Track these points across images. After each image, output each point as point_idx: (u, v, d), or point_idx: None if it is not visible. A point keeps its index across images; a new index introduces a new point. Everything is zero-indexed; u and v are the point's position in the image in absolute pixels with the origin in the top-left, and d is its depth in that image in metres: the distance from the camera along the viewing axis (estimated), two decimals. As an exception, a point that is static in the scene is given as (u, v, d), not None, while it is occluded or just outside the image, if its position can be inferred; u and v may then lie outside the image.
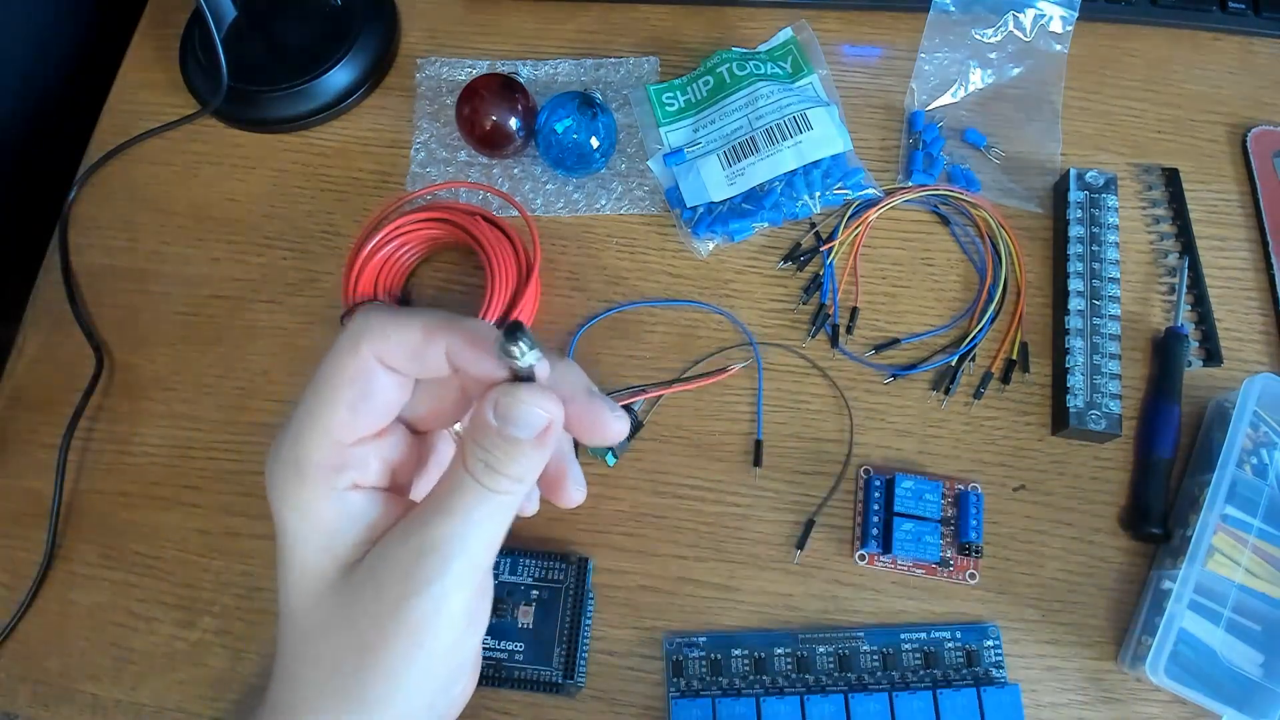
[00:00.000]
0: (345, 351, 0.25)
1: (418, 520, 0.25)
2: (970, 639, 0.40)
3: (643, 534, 0.42)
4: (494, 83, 0.47)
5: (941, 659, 0.39)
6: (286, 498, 0.25)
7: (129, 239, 0.49)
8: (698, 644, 0.40)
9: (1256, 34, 0.53)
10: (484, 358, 0.25)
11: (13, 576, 0.42)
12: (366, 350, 0.25)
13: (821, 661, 0.40)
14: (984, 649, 0.40)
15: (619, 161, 0.50)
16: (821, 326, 0.46)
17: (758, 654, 0.40)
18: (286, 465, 0.25)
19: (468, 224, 0.44)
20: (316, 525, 0.25)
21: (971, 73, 0.51)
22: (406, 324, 0.25)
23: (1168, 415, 0.43)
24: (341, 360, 0.25)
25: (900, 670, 0.39)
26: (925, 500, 0.41)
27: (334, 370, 0.25)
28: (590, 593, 0.41)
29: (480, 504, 0.24)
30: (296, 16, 0.52)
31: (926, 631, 0.40)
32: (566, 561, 0.41)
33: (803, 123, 0.47)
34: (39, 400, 0.46)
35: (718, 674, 0.39)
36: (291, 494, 0.25)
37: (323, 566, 0.25)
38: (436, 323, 0.25)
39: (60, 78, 0.55)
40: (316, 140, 0.51)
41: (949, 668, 0.39)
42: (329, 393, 0.25)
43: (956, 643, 0.40)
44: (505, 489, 0.24)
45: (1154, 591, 0.40)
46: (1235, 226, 0.48)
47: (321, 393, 0.25)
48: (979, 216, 0.48)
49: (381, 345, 0.25)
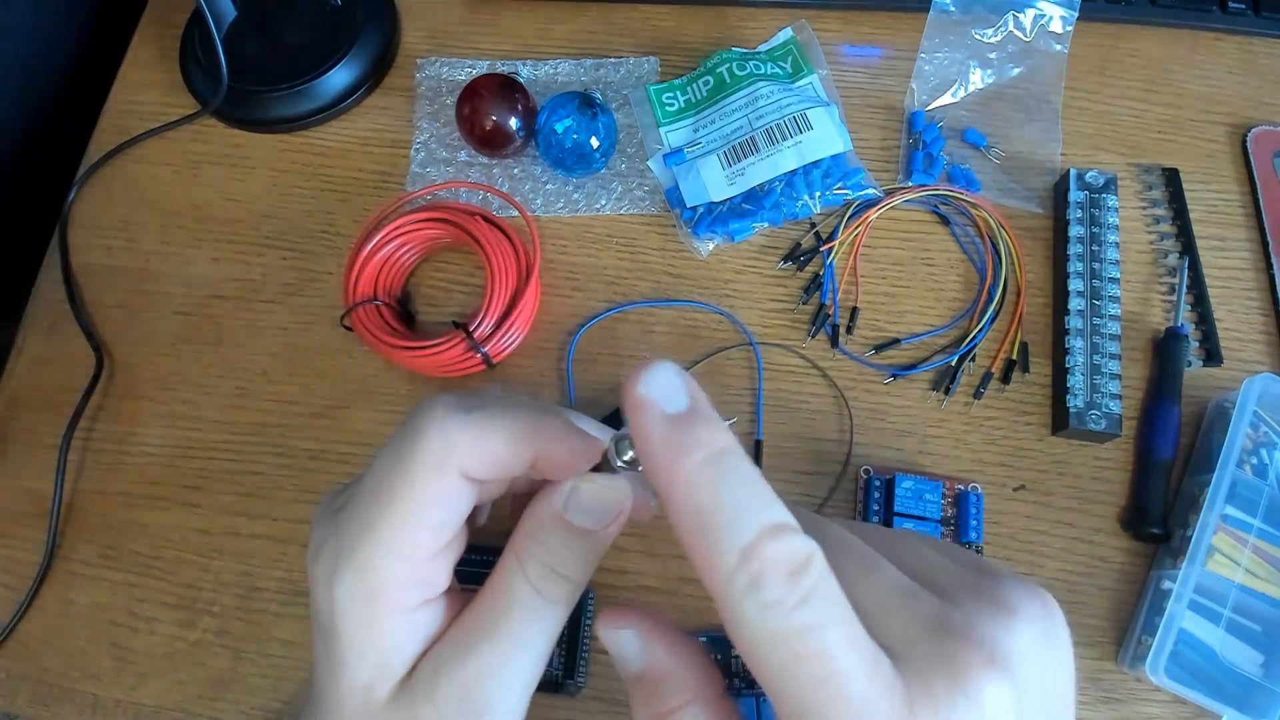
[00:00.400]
0: (428, 472, 0.23)
1: (476, 635, 0.23)
2: None
3: (643, 534, 0.42)
4: (494, 83, 0.47)
5: None
6: (352, 618, 0.23)
7: (129, 239, 0.49)
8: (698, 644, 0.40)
9: (1256, 34, 0.53)
10: (583, 464, 0.23)
11: (13, 576, 0.42)
12: (454, 469, 0.23)
13: None
14: None
15: (619, 161, 0.50)
16: (821, 326, 0.46)
17: None
18: (355, 587, 0.23)
19: (468, 224, 0.44)
20: (380, 643, 0.23)
21: (971, 73, 0.51)
22: (496, 434, 0.23)
23: (1168, 415, 0.43)
24: (423, 481, 0.23)
25: None
26: (925, 500, 0.41)
27: (414, 490, 0.23)
28: (590, 592, 0.41)
29: (537, 620, 0.23)
30: (296, 16, 0.52)
31: None
32: None
33: (803, 123, 0.47)
34: (39, 400, 0.46)
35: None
36: (362, 616, 0.23)
37: (378, 681, 0.23)
38: (529, 430, 0.24)
39: (60, 78, 0.55)
40: (316, 140, 0.51)
41: None
42: (409, 515, 0.23)
43: None
44: (563, 596, 0.24)
45: (1154, 591, 0.40)
46: (1235, 226, 0.48)
47: (398, 513, 0.23)
48: (979, 216, 0.48)
49: (472, 462, 0.23)
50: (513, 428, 0.24)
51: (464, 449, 0.23)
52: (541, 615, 0.23)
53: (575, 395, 0.45)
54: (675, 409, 0.19)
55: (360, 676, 0.23)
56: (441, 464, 0.23)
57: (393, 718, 0.23)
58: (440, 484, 0.23)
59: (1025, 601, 0.20)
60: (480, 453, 0.23)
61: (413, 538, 0.23)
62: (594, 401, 0.44)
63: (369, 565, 0.23)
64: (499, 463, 0.24)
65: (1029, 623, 0.20)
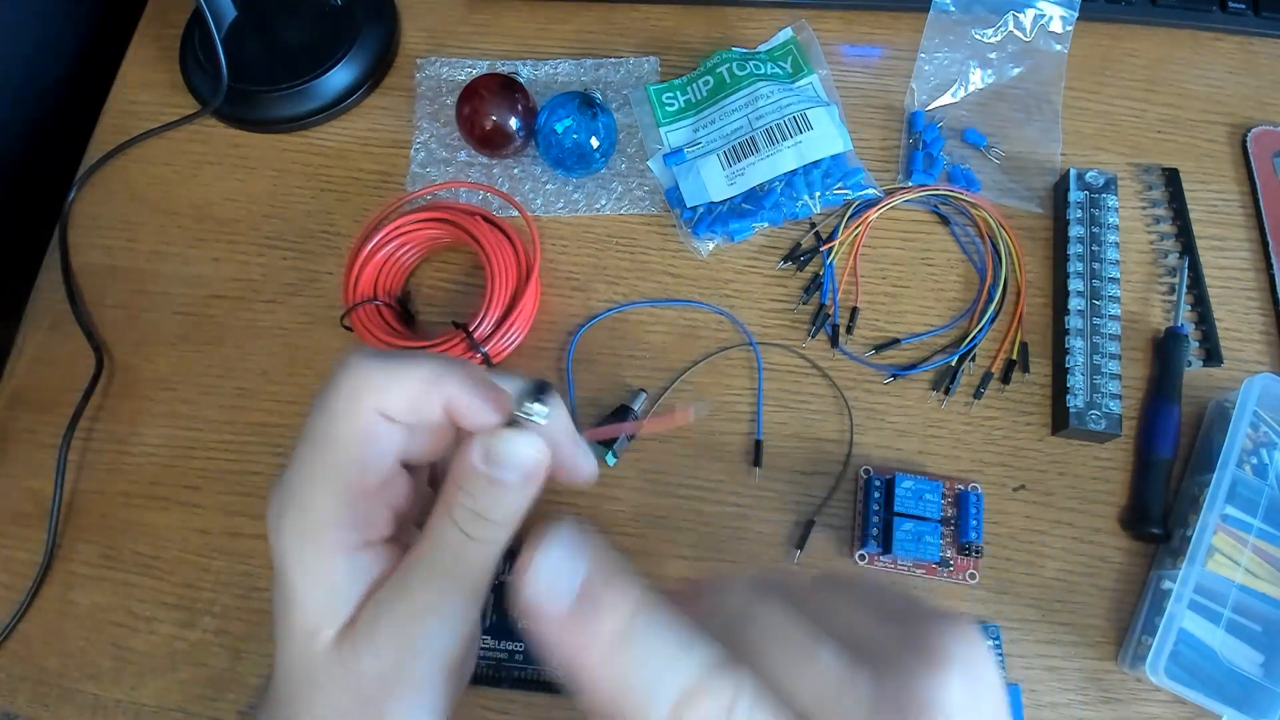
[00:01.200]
0: (345, 408, 0.25)
1: (411, 576, 0.25)
2: None
3: (643, 534, 0.42)
4: (494, 83, 0.47)
5: None
6: (297, 559, 0.25)
7: (129, 239, 0.49)
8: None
9: (1256, 34, 0.53)
10: (487, 411, 0.25)
11: (13, 576, 0.42)
12: (368, 405, 0.25)
13: None
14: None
15: (619, 161, 0.50)
16: (821, 326, 0.46)
17: None
18: (296, 526, 0.25)
19: (468, 224, 0.44)
20: (325, 584, 0.25)
21: (971, 73, 0.51)
22: (406, 375, 0.25)
23: (1168, 415, 0.43)
24: (343, 416, 0.25)
25: None
26: (925, 500, 0.41)
27: (335, 427, 0.25)
28: None
29: (467, 560, 0.25)
30: (296, 16, 0.52)
31: None
32: None
33: (803, 123, 0.47)
34: (39, 400, 0.46)
35: None
36: (305, 555, 0.25)
37: (325, 624, 0.25)
38: (436, 373, 0.25)
39: (60, 78, 0.55)
40: (316, 140, 0.51)
41: None
42: (335, 451, 0.25)
43: None
44: (491, 537, 0.25)
45: (1154, 591, 0.40)
46: (1235, 226, 0.48)
47: (326, 451, 0.25)
48: (979, 216, 0.48)
49: (383, 398, 0.25)
50: (420, 371, 0.25)
51: (376, 388, 0.25)
52: (471, 556, 0.25)
53: (575, 395, 0.45)
54: (565, 602, 0.20)
55: (307, 619, 0.25)
56: (356, 400, 0.25)
57: (336, 659, 0.24)
58: (358, 420, 0.25)
59: (953, 646, 0.21)
60: (392, 392, 0.25)
61: (343, 474, 0.25)
62: (594, 401, 0.44)
63: (307, 504, 0.25)
64: (411, 403, 0.25)
65: (961, 671, 0.20)
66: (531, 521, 0.25)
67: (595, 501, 0.43)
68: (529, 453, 0.25)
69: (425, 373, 0.25)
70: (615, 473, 0.43)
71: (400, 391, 0.25)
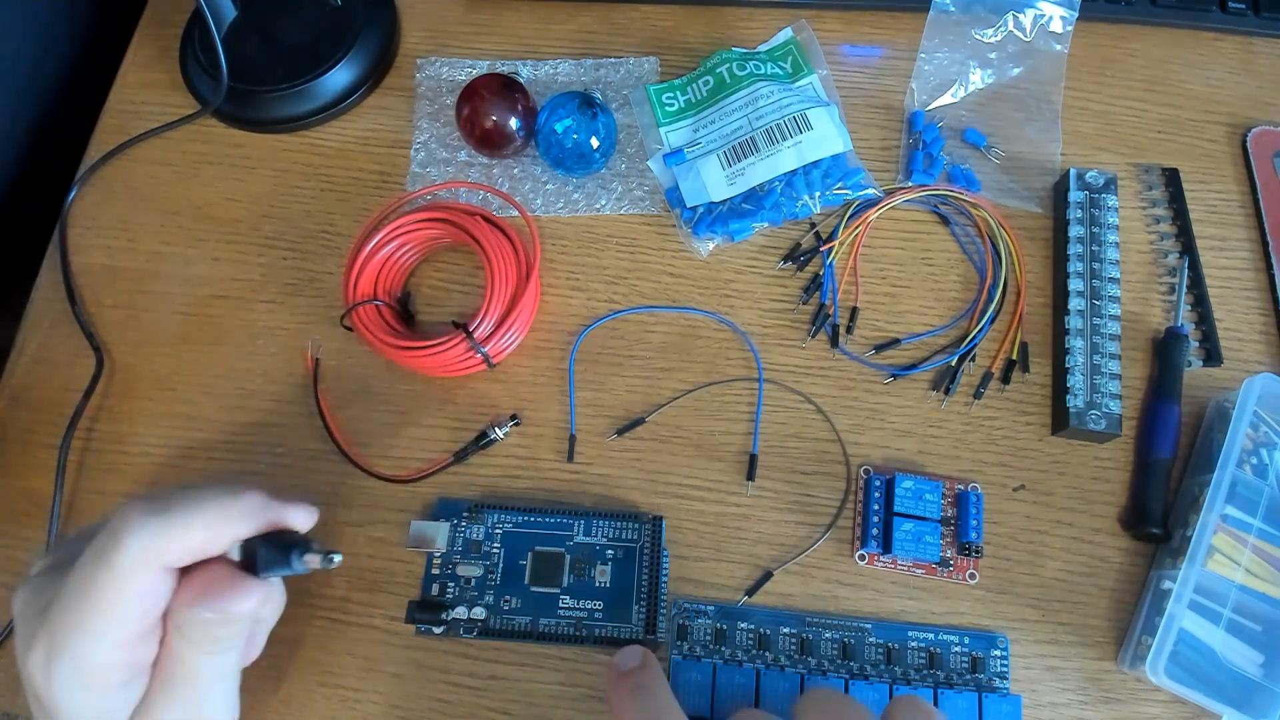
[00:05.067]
0: (132, 568, 0.27)
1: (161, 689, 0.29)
2: (978, 646, 0.40)
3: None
4: (494, 83, 0.47)
5: (946, 661, 0.39)
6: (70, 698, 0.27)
7: (129, 239, 0.49)
8: (706, 612, 0.40)
9: (1256, 34, 0.53)
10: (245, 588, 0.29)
11: (13, 577, 0.42)
12: (154, 563, 0.27)
13: (825, 647, 0.40)
14: (990, 657, 0.39)
15: (619, 161, 0.50)
16: (821, 326, 0.46)
17: (763, 630, 0.40)
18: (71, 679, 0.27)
19: (468, 224, 0.44)
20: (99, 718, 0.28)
21: (971, 73, 0.51)
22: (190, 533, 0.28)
23: (1168, 415, 0.43)
24: (129, 575, 0.27)
25: (903, 666, 0.39)
26: (925, 500, 0.41)
27: (120, 585, 0.27)
28: (665, 550, 0.41)
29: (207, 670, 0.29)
30: (296, 16, 0.52)
31: (935, 633, 0.40)
32: (640, 521, 0.41)
33: (803, 123, 0.47)
34: (39, 400, 0.46)
35: (721, 643, 0.40)
36: (77, 695, 0.27)
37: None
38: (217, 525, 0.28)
39: (60, 78, 0.55)
40: (316, 140, 0.51)
41: (952, 671, 0.39)
42: (118, 609, 0.27)
43: (964, 648, 0.40)
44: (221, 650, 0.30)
45: (1154, 591, 0.40)
46: (1235, 226, 0.48)
47: (108, 609, 0.27)
48: (979, 216, 0.48)
49: (168, 557, 0.28)
50: (204, 524, 0.28)
51: (163, 550, 0.27)
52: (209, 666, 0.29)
53: (575, 395, 0.45)
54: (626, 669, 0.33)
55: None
56: (143, 564, 0.27)
57: None
58: (143, 580, 0.27)
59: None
60: (177, 549, 0.28)
61: (121, 629, 0.27)
62: (593, 401, 0.44)
63: (83, 657, 0.27)
64: (193, 554, 0.28)
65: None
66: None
67: (596, 502, 0.43)
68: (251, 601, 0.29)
69: (208, 527, 0.28)
70: (616, 473, 0.43)
71: (185, 547, 0.28)
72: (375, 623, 0.41)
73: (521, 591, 0.40)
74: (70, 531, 0.41)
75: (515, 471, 0.43)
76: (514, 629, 0.39)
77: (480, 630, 0.39)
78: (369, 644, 0.40)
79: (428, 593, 0.40)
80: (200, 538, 0.28)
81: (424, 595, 0.40)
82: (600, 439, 0.44)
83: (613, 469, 0.43)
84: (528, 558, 0.41)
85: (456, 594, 0.40)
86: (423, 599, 0.40)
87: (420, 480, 0.43)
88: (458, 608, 0.40)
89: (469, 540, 0.41)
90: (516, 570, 0.40)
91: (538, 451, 0.44)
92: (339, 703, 0.39)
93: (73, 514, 0.43)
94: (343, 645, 0.40)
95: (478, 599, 0.40)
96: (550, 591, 0.40)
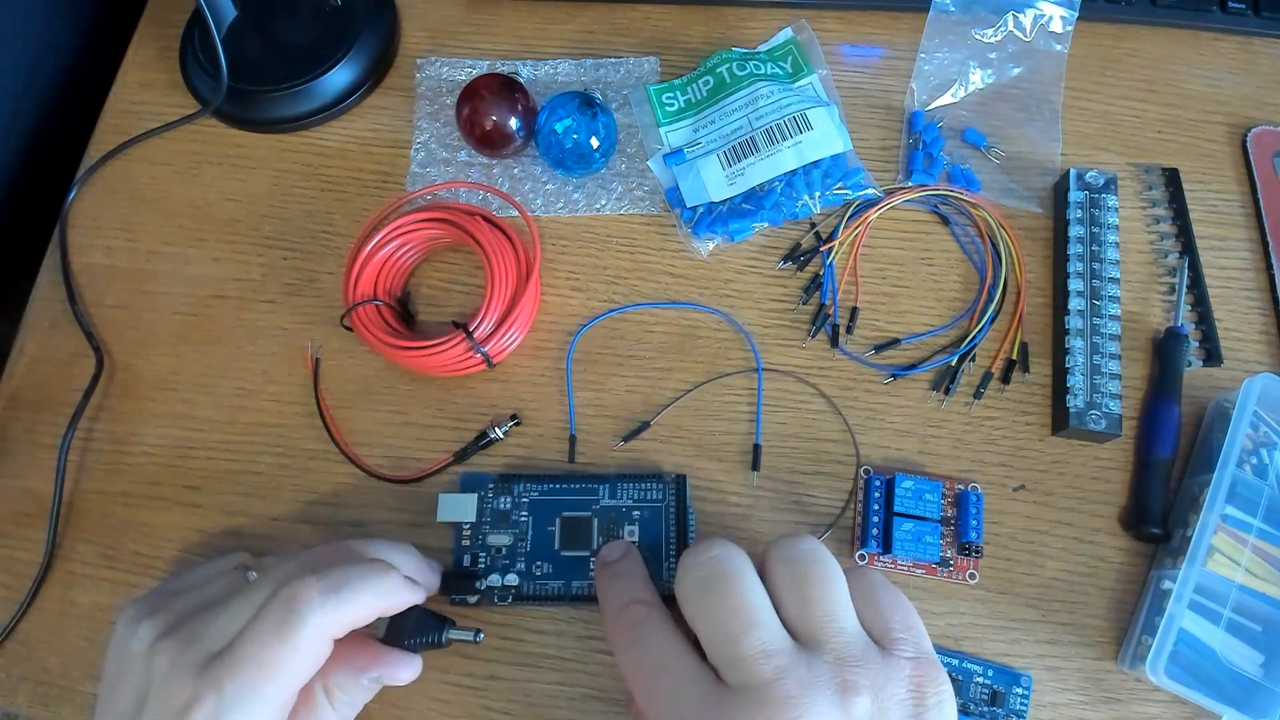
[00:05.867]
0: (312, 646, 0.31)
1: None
2: (1001, 681, 0.39)
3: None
4: (494, 83, 0.47)
5: (966, 689, 0.39)
6: None
7: (129, 239, 0.49)
8: None
9: (1256, 34, 0.53)
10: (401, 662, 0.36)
11: (13, 576, 0.42)
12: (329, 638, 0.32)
13: None
14: (1011, 694, 0.39)
15: (619, 161, 0.50)
16: (821, 326, 0.46)
17: None
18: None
19: (468, 224, 0.44)
20: None
21: (971, 73, 0.51)
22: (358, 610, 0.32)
23: (1168, 415, 0.43)
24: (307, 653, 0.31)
25: None
26: (925, 500, 0.41)
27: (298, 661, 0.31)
28: (691, 507, 0.41)
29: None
30: (296, 16, 0.52)
31: (959, 659, 0.40)
32: (663, 481, 0.41)
33: (803, 123, 0.47)
34: (39, 400, 0.46)
35: None
36: None
37: None
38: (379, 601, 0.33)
39: (60, 78, 0.55)
40: (316, 140, 0.51)
41: (970, 699, 0.39)
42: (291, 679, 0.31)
43: (986, 680, 0.39)
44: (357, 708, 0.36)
45: (1154, 591, 0.40)
46: (1235, 226, 0.48)
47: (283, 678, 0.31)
48: (979, 216, 0.48)
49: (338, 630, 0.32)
50: (368, 601, 0.33)
51: (336, 625, 0.32)
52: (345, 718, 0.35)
53: (576, 395, 0.45)
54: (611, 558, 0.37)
55: None
56: (321, 640, 0.31)
57: None
58: (318, 654, 0.31)
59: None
60: (348, 623, 0.32)
61: (288, 694, 0.31)
62: (593, 401, 0.44)
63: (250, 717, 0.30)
64: (360, 625, 0.33)
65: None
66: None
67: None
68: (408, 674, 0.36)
69: (372, 605, 0.33)
70: (617, 473, 0.43)
71: (353, 622, 0.32)
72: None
73: (552, 556, 0.41)
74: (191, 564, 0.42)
75: (516, 472, 0.43)
76: (547, 593, 0.40)
77: (515, 596, 0.40)
78: (369, 644, 0.40)
79: (460, 564, 0.41)
80: (366, 616, 0.33)
81: (457, 567, 0.41)
82: (601, 439, 0.44)
83: (614, 469, 0.43)
84: (556, 524, 0.41)
85: (489, 563, 0.40)
86: (457, 570, 0.40)
87: (420, 480, 0.43)
88: (491, 576, 0.40)
89: (497, 511, 0.41)
90: (546, 536, 0.41)
91: (538, 451, 0.44)
92: (339, 703, 0.39)
93: (73, 514, 0.43)
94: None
95: (510, 567, 0.40)
96: (581, 555, 0.41)
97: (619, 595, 0.34)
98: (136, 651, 0.32)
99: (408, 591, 0.34)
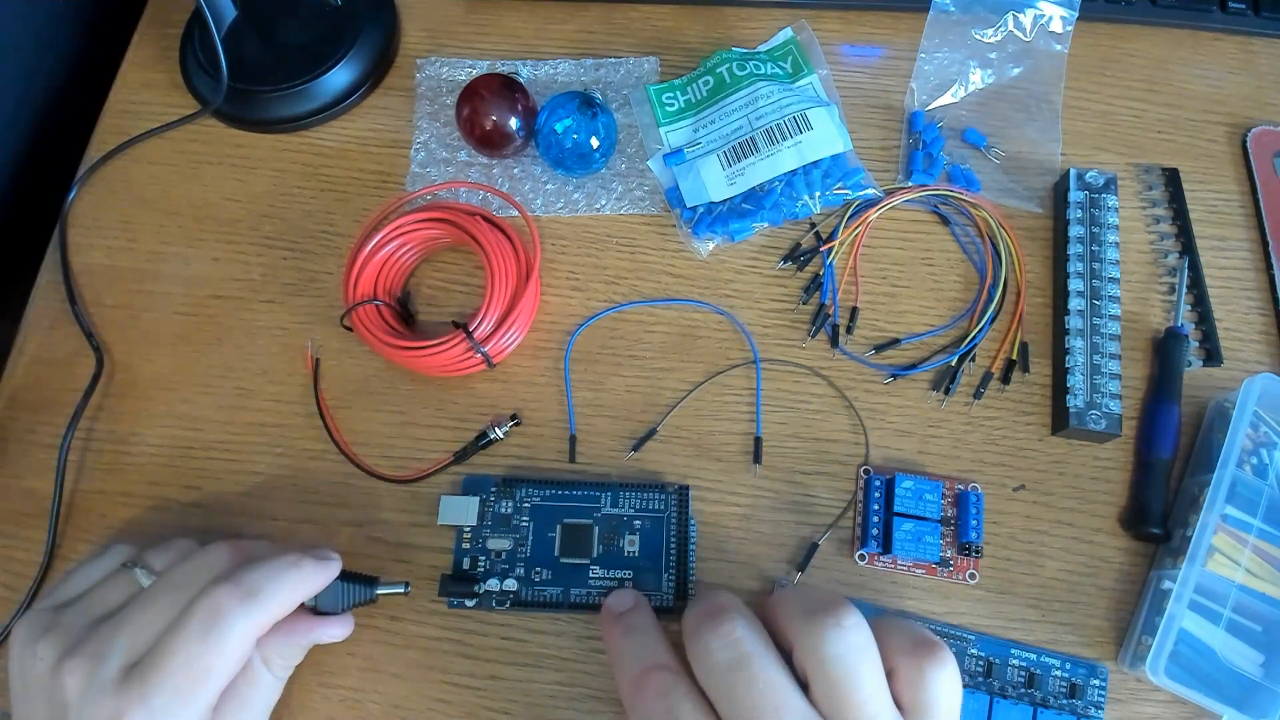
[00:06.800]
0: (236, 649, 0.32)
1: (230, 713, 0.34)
2: (1078, 673, 0.39)
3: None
4: (494, 83, 0.47)
5: (1045, 683, 0.39)
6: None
7: (129, 239, 0.49)
8: None
9: (1256, 34, 0.53)
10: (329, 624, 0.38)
11: (13, 576, 0.42)
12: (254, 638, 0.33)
13: None
14: (1089, 686, 0.39)
15: (619, 161, 0.50)
16: (821, 326, 0.46)
17: None
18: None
19: (468, 224, 0.44)
20: None
21: (971, 73, 0.51)
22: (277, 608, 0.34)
23: (1168, 415, 0.43)
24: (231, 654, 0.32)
25: (1001, 682, 0.39)
26: (925, 500, 0.41)
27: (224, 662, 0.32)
28: (693, 518, 0.41)
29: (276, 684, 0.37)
30: (296, 16, 0.52)
31: (1037, 654, 0.40)
32: (666, 491, 0.41)
33: (803, 123, 0.47)
34: (39, 400, 0.46)
35: None
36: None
37: None
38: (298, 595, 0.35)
39: (60, 78, 0.55)
40: (316, 140, 0.51)
41: (1049, 693, 0.39)
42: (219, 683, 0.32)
43: (1064, 673, 0.39)
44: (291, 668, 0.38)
45: (1154, 591, 0.40)
46: (1235, 226, 0.48)
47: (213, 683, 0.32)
48: (979, 216, 0.48)
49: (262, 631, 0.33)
50: (289, 599, 0.34)
51: (260, 625, 0.33)
52: (281, 680, 0.37)
53: (573, 395, 0.45)
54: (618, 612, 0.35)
55: None
56: (247, 642, 0.32)
57: None
58: (244, 653, 0.33)
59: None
60: (270, 623, 0.33)
61: (216, 693, 0.32)
62: (593, 401, 0.44)
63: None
64: (280, 618, 0.34)
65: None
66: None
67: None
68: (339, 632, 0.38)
69: (290, 600, 0.34)
70: (617, 473, 0.43)
71: (275, 619, 0.34)
72: (376, 623, 0.41)
73: (552, 563, 0.40)
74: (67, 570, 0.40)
75: (516, 472, 0.43)
76: (545, 600, 0.40)
77: (513, 602, 0.40)
78: (369, 644, 0.40)
79: (459, 567, 0.41)
80: (288, 609, 0.34)
81: (456, 569, 0.40)
82: (601, 439, 0.44)
83: (614, 469, 0.43)
84: (556, 530, 0.41)
85: (488, 567, 0.40)
86: (455, 572, 0.40)
87: (420, 480, 0.43)
88: (489, 580, 0.40)
89: (498, 515, 0.41)
90: (546, 543, 0.41)
91: (538, 451, 0.44)
92: (339, 703, 0.39)
93: (73, 514, 0.43)
94: (343, 645, 0.40)
95: (509, 572, 0.40)
96: (580, 562, 0.40)
97: (635, 656, 0.32)
98: (40, 673, 0.31)
99: (322, 572, 0.35)
